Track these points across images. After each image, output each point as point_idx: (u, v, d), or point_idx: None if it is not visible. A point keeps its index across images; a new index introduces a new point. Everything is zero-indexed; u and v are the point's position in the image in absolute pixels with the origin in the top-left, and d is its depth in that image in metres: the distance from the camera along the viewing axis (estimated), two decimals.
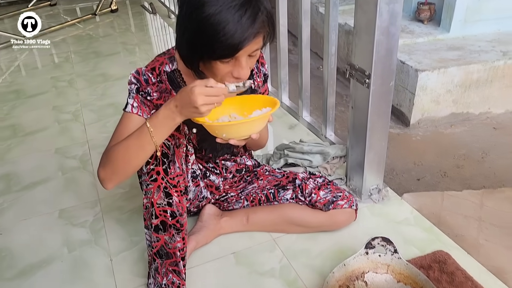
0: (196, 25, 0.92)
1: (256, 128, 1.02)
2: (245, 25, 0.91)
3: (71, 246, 1.41)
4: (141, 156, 1.03)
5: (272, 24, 0.99)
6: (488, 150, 2.14)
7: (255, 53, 0.99)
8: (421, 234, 1.39)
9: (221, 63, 0.98)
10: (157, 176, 1.08)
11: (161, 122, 0.99)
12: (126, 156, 1.02)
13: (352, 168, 1.56)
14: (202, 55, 0.97)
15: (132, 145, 1.02)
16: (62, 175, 1.78)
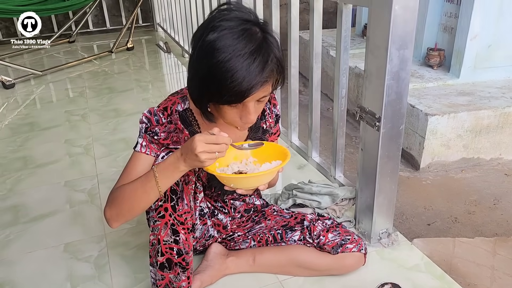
0: (206, 70, 0.94)
1: (264, 180, 1.03)
2: (253, 73, 0.93)
3: (74, 282, 1.38)
4: (145, 200, 1.05)
5: (281, 71, 1.01)
6: (500, 196, 2.11)
7: (263, 99, 1.01)
8: (432, 282, 1.35)
9: (229, 107, 1.00)
10: (165, 213, 1.08)
11: (167, 169, 1.00)
12: (131, 199, 1.04)
13: (361, 211, 1.54)
14: (210, 99, 0.99)
15: (138, 189, 1.04)
16: (70, 208, 1.78)
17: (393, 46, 1.22)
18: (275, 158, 1.10)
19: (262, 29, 0.97)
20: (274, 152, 1.11)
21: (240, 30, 0.93)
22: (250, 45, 0.92)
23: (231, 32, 0.92)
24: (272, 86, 1.01)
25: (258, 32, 0.95)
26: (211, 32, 0.93)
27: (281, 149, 1.11)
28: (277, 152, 1.11)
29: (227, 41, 0.92)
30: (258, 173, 1.02)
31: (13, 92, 3.32)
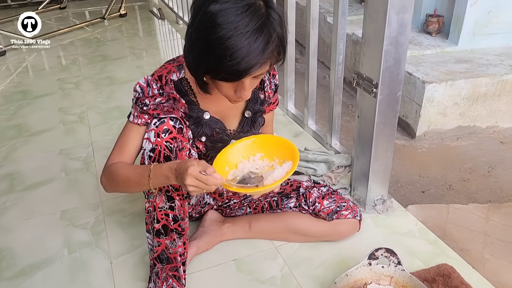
0: (205, 45, 0.90)
1: (277, 187, 1.05)
2: (253, 53, 0.89)
3: (72, 248, 1.40)
4: (138, 189, 1.08)
5: (283, 50, 0.97)
6: (494, 164, 2.12)
7: (260, 76, 0.98)
8: (425, 247, 1.37)
9: (224, 82, 0.97)
10: (155, 192, 1.08)
11: (161, 175, 1.00)
12: (126, 185, 1.09)
13: (357, 178, 1.54)
14: (207, 73, 0.97)
15: (132, 179, 1.06)
16: (65, 176, 1.78)
17: (392, 9, 1.19)
18: (282, 153, 1.08)
19: (266, 3, 0.92)
20: (278, 145, 1.10)
21: (244, 6, 0.88)
22: (252, 23, 0.87)
23: (234, 6, 0.87)
24: (271, 65, 0.98)
25: (262, 7, 0.90)
26: (213, 2, 0.88)
27: (287, 144, 1.09)
28: (281, 146, 1.09)
29: (230, 16, 0.87)
30: (274, 184, 1.00)
31: (4, 59, 3.25)
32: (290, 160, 1.06)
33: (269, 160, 1.10)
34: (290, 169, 1.03)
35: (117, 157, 1.11)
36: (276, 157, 1.10)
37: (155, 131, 1.07)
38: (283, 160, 1.08)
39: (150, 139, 1.07)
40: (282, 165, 1.06)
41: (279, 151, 1.10)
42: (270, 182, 1.02)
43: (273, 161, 1.10)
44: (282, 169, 1.05)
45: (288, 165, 1.05)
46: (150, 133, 1.08)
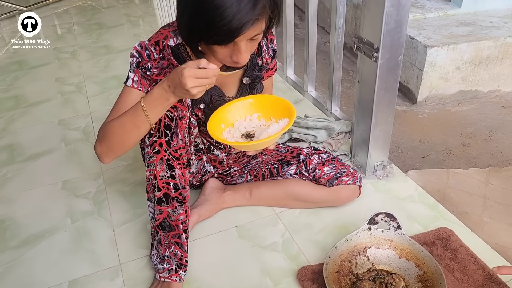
0: (194, 8, 0.88)
1: (273, 142, 1.03)
2: (243, 10, 0.86)
3: (74, 217, 1.41)
4: (135, 134, 1.02)
5: (276, 6, 0.94)
6: (495, 128, 2.11)
7: (256, 37, 0.96)
8: (425, 211, 1.38)
9: (219, 47, 0.95)
10: (159, 148, 1.07)
11: (155, 102, 0.97)
12: (121, 133, 1.01)
13: (357, 144, 1.54)
14: (200, 38, 0.94)
15: (127, 123, 1.00)
16: (65, 147, 1.77)
17: None
18: (279, 113, 1.07)
19: None
20: (277, 105, 1.09)
21: None
22: None
23: None
24: (266, 23, 0.95)
25: None
26: None
27: (285, 103, 1.08)
28: (280, 106, 1.08)
29: None
30: (268, 138, 0.99)
31: None
32: (287, 117, 1.05)
33: (265, 120, 1.09)
34: (285, 125, 1.02)
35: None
36: (273, 117, 1.09)
37: None
38: (280, 119, 1.07)
39: None
40: (278, 122, 1.06)
41: (276, 111, 1.08)
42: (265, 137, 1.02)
43: (270, 121, 1.09)
44: (278, 126, 1.04)
45: (284, 122, 1.05)
46: None
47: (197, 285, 1.16)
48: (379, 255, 1.18)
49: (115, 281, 1.18)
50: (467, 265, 1.16)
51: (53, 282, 1.18)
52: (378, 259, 1.18)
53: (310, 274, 1.15)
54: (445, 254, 1.20)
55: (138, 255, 1.26)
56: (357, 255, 1.18)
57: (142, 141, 1.10)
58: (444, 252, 1.20)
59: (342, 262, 1.15)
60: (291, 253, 1.25)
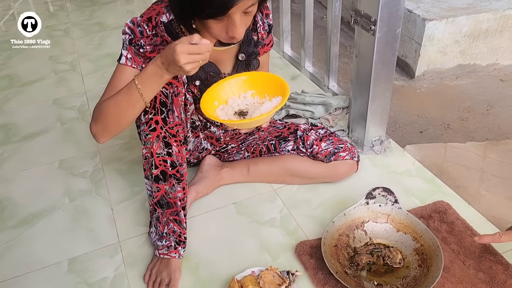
0: None
1: (266, 119, 1.02)
2: None
3: (72, 196, 1.41)
4: (131, 113, 1.00)
5: None
6: (493, 102, 2.10)
7: (250, 9, 0.93)
8: (422, 185, 1.39)
9: (213, 22, 0.92)
10: (156, 126, 1.06)
11: (149, 79, 0.95)
12: (116, 112, 0.99)
13: (355, 119, 1.53)
14: (193, 13, 0.92)
15: (122, 102, 0.98)
16: (60, 126, 1.76)
17: None
18: (274, 91, 1.05)
19: None
20: (271, 83, 1.07)
21: None
22: None
23: None
24: None
25: None
26: None
27: (279, 80, 1.06)
28: (274, 83, 1.06)
29: None
30: (261, 116, 0.98)
31: None
32: (280, 95, 1.04)
33: (260, 97, 1.08)
34: (279, 103, 1.01)
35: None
36: (267, 95, 1.08)
37: None
38: (274, 97, 1.05)
39: None
40: (271, 100, 1.05)
41: (270, 89, 1.07)
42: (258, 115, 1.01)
43: (264, 98, 1.08)
44: (271, 104, 1.03)
45: (277, 100, 1.03)
46: None
47: (196, 261, 1.17)
48: (376, 229, 1.19)
49: (114, 258, 1.19)
50: (464, 237, 1.17)
51: (53, 260, 1.19)
52: (376, 233, 1.18)
53: (308, 249, 1.16)
54: (442, 227, 1.21)
55: (137, 232, 1.26)
56: (354, 229, 1.18)
57: (138, 119, 1.09)
58: (441, 225, 1.21)
59: (340, 236, 1.16)
60: (289, 228, 1.25)
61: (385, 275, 1.09)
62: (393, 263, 1.11)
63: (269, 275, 1.05)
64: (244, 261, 1.15)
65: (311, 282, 1.09)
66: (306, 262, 1.13)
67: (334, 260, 1.09)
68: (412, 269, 1.09)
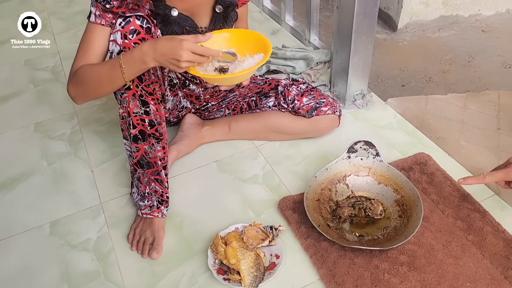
0: None
1: (247, 76, 1.02)
2: None
3: (50, 159, 1.38)
4: (110, 87, 1.01)
5: None
6: (475, 53, 2.09)
7: None
8: (403, 138, 1.39)
9: None
10: (131, 84, 1.02)
11: (134, 62, 0.95)
12: (96, 84, 1.01)
13: (336, 74, 1.51)
14: None
15: (103, 76, 0.99)
16: (34, 88, 1.70)
17: None
18: (255, 48, 1.04)
19: None
20: (253, 40, 1.05)
21: None
22: None
23: None
24: None
25: None
26: None
27: (260, 38, 1.04)
28: (256, 41, 1.04)
29: None
30: (242, 72, 0.97)
31: None
32: (262, 52, 1.02)
33: (240, 55, 1.05)
34: (260, 60, 1.00)
35: (82, 62, 1.04)
36: (247, 53, 1.05)
37: (121, 32, 1.00)
38: (255, 54, 1.03)
39: (116, 41, 1.00)
40: (253, 57, 1.02)
41: (251, 46, 1.04)
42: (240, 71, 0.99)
43: (244, 56, 1.05)
44: (253, 60, 1.01)
45: (259, 56, 1.02)
46: (116, 35, 1.00)
47: (179, 220, 1.17)
48: (358, 182, 1.20)
49: (97, 220, 1.18)
50: (443, 187, 1.19)
51: (34, 224, 1.17)
52: (357, 186, 1.20)
53: (291, 204, 1.17)
54: (422, 178, 1.22)
55: (118, 193, 1.25)
56: (336, 183, 1.19)
57: None
58: (421, 176, 1.23)
59: (322, 190, 1.17)
60: (272, 184, 1.26)
61: (366, 227, 1.11)
62: (374, 215, 1.12)
63: (252, 230, 1.06)
64: (227, 218, 1.16)
65: (294, 236, 1.10)
66: (289, 217, 1.14)
67: (316, 214, 1.11)
68: (392, 219, 1.11)
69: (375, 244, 1.04)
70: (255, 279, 0.97)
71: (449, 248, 1.04)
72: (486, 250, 1.04)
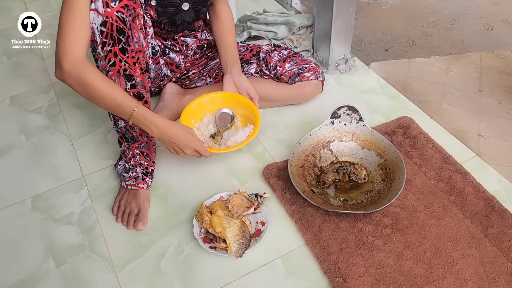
0: None
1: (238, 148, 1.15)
2: None
3: (29, 133, 1.35)
4: (112, 110, 1.00)
5: None
6: (457, 16, 2.08)
7: None
8: (386, 102, 1.39)
9: None
10: (115, 59, 0.98)
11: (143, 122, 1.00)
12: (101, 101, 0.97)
13: (319, 38, 1.49)
14: None
15: (110, 104, 0.97)
16: (7, 60, 1.64)
17: None
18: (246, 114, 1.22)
19: None
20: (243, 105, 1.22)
21: None
22: None
23: None
24: None
25: None
26: None
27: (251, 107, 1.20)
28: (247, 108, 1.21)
29: None
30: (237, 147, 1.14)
31: None
32: (252, 124, 1.18)
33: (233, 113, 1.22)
34: (251, 133, 1.16)
35: (78, 43, 0.93)
36: (238, 115, 1.23)
37: (103, 0, 0.93)
38: (245, 119, 1.22)
39: (98, 11, 0.93)
40: (244, 128, 1.19)
41: (242, 110, 1.22)
42: (232, 144, 1.16)
43: (236, 118, 1.23)
44: (244, 133, 1.17)
45: (249, 129, 1.18)
46: (97, 3, 0.92)
47: (164, 190, 1.16)
48: (342, 147, 1.20)
49: (80, 193, 1.16)
50: (426, 150, 1.20)
51: (15, 198, 1.15)
52: (341, 151, 1.20)
53: (276, 171, 1.17)
54: (405, 142, 1.23)
55: (101, 166, 1.23)
56: (320, 149, 1.19)
57: (95, 52, 0.99)
58: (404, 139, 1.24)
59: (306, 157, 1.17)
60: (256, 152, 1.25)
61: (350, 191, 1.12)
62: (358, 179, 1.13)
63: (237, 198, 1.06)
64: (212, 187, 1.15)
65: (279, 202, 1.10)
66: (274, 184, 1.14)
67: (301, 180, 1.11)
68: (376, 183, 1.12)
69: (359, 208, 1.05)
70: (241, 246, 0.98)
71: (431, 210, 1.06)
72: (467, 210, 1.06)
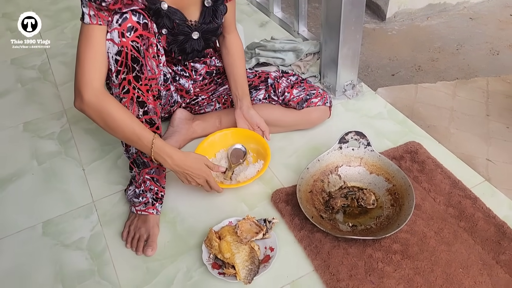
0: None
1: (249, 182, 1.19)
2: None
3: (41, 159, 1.37)
4: (127, 141, 1.03)
5: None
6: (463, 41, 2.11)
7: None
8: (394, 127, 1.40)
9: None
10: (129, 87, 1.00)
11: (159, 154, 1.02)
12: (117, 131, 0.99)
13: (326, 65, 1.51)
14: None
15: (128, 133, 0.99)
16: (22, 87, 1.68)
17: None
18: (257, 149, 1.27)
19: None
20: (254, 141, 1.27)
21: None
22: None
23: None
24: None
25: None
26: None
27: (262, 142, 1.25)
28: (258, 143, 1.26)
29: None
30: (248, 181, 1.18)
31: None
32: (263, 159, 1.23)
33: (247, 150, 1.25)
34: (261, 168, 1.19)
35: (97, 73, 0.96)
36: (250, 151, 1.26)
37: (118, 31, 0.95)
38: (256, 155, 1.26)
39: (114, 40, 0.96)
40: (254, 164, 1.22)
41: (253, 145, 1.26)
42: (242, 179, 1.19)
43: (248, 154, 1.26)
44: (254, 168, 1.21)
45: (260, 164, 1.22)
46: (113, 33, 0.95)
47: (173, 215, 1.17)
48: (350, 172, 1.20)
49: (90, 218, 1.17)
50: (434, 175, 1.20)
51: (27, 224, 1.17)
52: (349, 176, 1.20)
53: (284, 196, 1.17)
54: (413, 167, 1.23)
55: (111, 191, 1.24)
56: (329, 174, 1.20)
57: (110, 80, 1.02)
58: (413, 164, 1.24)
59: (315, 182, 1.17)
60: (264, 178, 1.26)
61: (359, 216, 1.11)
62: (367, 204, 1.13)
63: (246, 224, 1.06)
64: (221, 213, 1.16)
65: (288, 228, 1.10)
66: (283, 209, 1.14)
67: (309, 206, 1.11)
68: (385, 209, 1.12)
69: (368, 234, 1.05)
70: (250, 272, 0.97)
71: (441, 235, 1.05)
72: (477, 236, 1.05)
